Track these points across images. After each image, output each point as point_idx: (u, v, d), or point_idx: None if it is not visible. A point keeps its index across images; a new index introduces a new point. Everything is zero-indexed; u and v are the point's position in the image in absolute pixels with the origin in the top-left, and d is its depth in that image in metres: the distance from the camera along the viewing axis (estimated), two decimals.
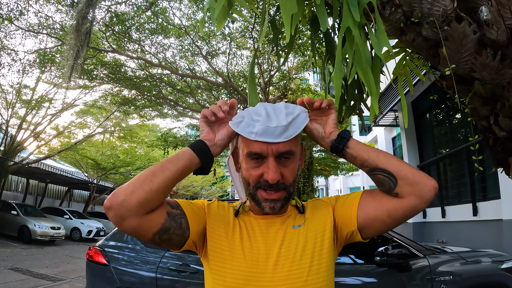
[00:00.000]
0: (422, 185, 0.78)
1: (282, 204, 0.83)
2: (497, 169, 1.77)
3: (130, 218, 0.71)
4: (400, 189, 0.80)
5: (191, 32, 9.41)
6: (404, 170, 0.80)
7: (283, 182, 0.81)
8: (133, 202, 0.70)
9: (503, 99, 1.51)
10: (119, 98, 11.77)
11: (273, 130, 0.77)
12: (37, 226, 11.33)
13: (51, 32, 9.23)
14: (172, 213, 0.79)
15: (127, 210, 0.70)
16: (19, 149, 14.35)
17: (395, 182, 0.80)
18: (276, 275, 0.79)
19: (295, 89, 10.91)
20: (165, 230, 0.77)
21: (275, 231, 0.84)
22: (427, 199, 0.79)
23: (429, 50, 1.61)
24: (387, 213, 0.81)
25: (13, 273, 6.36)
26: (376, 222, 0.83)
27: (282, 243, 0.82)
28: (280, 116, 0.79)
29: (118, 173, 20.49)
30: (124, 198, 0.70)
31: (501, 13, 1.42)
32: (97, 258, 3.04)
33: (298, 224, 0.86)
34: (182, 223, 0.80)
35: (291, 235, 0.83)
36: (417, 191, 0.78)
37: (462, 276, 2.82)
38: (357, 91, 1.96)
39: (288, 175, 0.82)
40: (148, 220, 0.74)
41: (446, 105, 7.05)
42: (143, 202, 0.71)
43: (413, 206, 0.79)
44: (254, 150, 0.79)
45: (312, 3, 2.16)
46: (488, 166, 5.47)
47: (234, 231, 0.85)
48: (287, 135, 0.79)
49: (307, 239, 0.83)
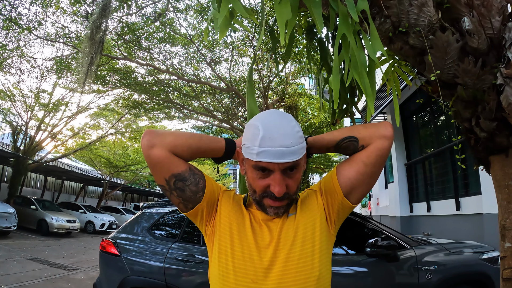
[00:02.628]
0: (378, 129, 0.83)
1: (285, 210, 0.82)
2: (478, 167, 1.77)
3: (160, 147, 0.76)
4: (363, 142, 0.83)
5: (196, 41, 9.40)
6: (358, 128, 0.85)
7: (288, 192, 0.79)
8: (168, 139, 0.77)
9: (484, 102, 1.51)
10: (130, 102, 11.77)
11: (281, 152, 0.74)
12: (54, 219, 11.33)
13: (67, 41, 9.23)
14: (194, 170, 0.82)
15: (160, 140, 0.76)
16: (37, 148, 14.36)
17: (357, 140, 0.84)
18: (277, 259, 0.78)
19: (292, 93, 10.90)
20: (182, 177, 0.80)
21: (276, 220, 0.84)
22: (388, 135, 0.82)
23: (415, 57, 1.61)
24: (362, 163, 0.83)
25: (32, 263, 6.36)
26: (358, 177, 0.83)
27: (281, 229, 0.82)
28: (285, 136, 0.75)
29: (129, 171, 20.50)
30: (163, 133, 0.78)
31: (482, 24, 1.42)
32: (109, 249, 3.04)
33: (293, 212, 0.86)
34: (200, 183, 0.82)
35: (288, 223, 0.83)
36: (377, 135, 0.82)
37: (446, 265, 2.81)
38: (349, 95, 1.96)
39: (293, 185, 0.80)
40: (173, 159, 0.78)
41: (431, 108, 7.04)
42: (175, 143, 0.78)
43: (380, 145, 0.82)
44: (260, 164, 0.75)
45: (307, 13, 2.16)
46: (470, 165, 5.47)
47: (245, 218, 0.84)
48: (294, 155, 0.75)
49: (299, 225, 0.83)
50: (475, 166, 1.78)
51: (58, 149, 16.64)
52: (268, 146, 0.74)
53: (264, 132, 0.75)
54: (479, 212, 4.98)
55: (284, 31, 1.19)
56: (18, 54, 9.98)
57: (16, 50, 9.66)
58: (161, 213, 3.20)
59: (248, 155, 0.78)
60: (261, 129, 0.75)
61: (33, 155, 14.01)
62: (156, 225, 3.13)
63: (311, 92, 13.23)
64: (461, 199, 5.75)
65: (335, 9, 1.35)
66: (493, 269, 2.80)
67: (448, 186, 6.39)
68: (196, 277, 2.75)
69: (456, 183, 6.01)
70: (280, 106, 11.04)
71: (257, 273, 0.77)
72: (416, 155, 7.90)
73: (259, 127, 0.76)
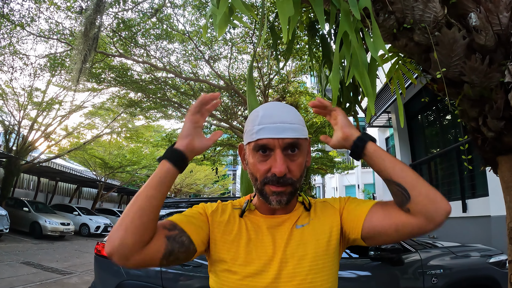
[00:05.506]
0: (434, 207, 0.72)
1: (288, 199, 0.78)
2: (485, 167, 1.77)
3: (133, 256, 0.68)
4: (412, 206, 0.73)
5: (194, 38, 9.40)
6: (419, 187, 0.74)
7: (290, 177, 0.76)
8: (130, 242, 0.67)
9: (491, 101, 1.50)
10: (126, 100, 11.77)
11: (281, 127, 0.75)
12: (48, 222, 11.32)
13: (61, 38, 9.23)
14: (171, 235, 0.74)
15: (127, 250, 0.67)
16: (30, 148, 14.35)
17: (408, 198, 0.74)
18: (282, 274, 0.76)
19: (293, 91, 10.90)
20: (170, 253, 0.73)
21: (282, 229, 0.81)
22: (437, 222, 0.72)
23: (420, 54, 1.61)
24: (395, 227, 0.76)
25: (25, 267, 6.36)
26: (382, 235, 0.78)
27: (287, 242, 0.79)
28: (285, 113, 0.77)
29: (125, 172, 20.50)
30: (120, 241, 0.67)
31: (489, 20, 1.42)
32: (105, 253, 3.03)
33: (302, 223, 0.82)
34: (184, 240, 0.76)
35: (296, 235, 0.80)
36: (428, 212, 0.72)
37: (452, 269, 2.81)
38: (352, 93, 1.96)
39: (295, 169, 0.77)
40: (150, 250, 0.71)
41: (437, 107, 7.04)
42: (138, 238, 0.68)
43: (422, 226, 0.73)
44: (260, 142, 0.75)
45: (310, 9, 2.16)
46: (476, 165, 5.47)
47: (240, 233, 0.81)
48: (295, 132, 0.76)
49: (309, 239, 0.79)
50: (482, 166, 1.78)
51: (51, 149, 16.64)
52: (267, 123, 0.75)
53: (264, 111, 0.78)
54: (487, 214, 4.98)
55: (286, 27, 1.19)
56: (10, 51, 9.99)
57: (8, 47, 9.67)
58: None
59: (248, 138, 0.78)
60: (261, 110, 0.78)
61: (25, 156, 14.01)
62: None
63: (313, 90, 13.24)
64: (468, 201, 5.75)
65: (336, 6, 1.35)
66: (501, 273, 2.80)
67: (454, 187, 6.39)
68: (194, 281, 2.75)
69: (462, 184, 6.01)
70: None
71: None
72: (422, 155, 7.90)
73: (259, 110, 0.79)
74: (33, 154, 16.08)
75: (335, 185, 23.23)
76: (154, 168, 21.39)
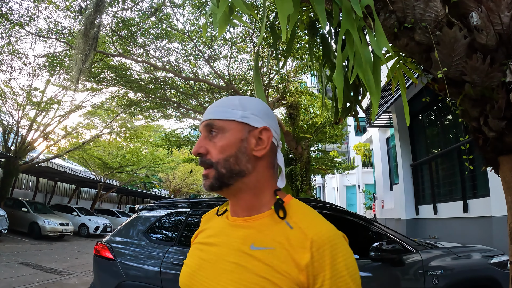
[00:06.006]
0: None
1: (212, 184, 0.71)
2: (486, 168, 1.77)
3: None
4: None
5: (194, 37, 9.41)
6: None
7: (209, 158, 0.71)
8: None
9: (493, 101, 1.50)
10: (125, 100, 11.77)
11: (208, 111, 0.76)
12: (47, 222, 11.33)
13: (60, 37, 9.23)
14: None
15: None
16: (29, 149, 14.35)
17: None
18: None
19: (294, 91, 10.90)
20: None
21: (236, 238, 0.69)
22: None
23: (421, 54, 1.61)
24: None
25: (24, 268, 6.36)
26: None
27: (232, 261, 0.66)
28: (226, 100, 0.76)
29: (124, 172, 20.50)
30: None
31: (490, 19, 1.42)
32: (104, 253, 3.04)
33: (261, 246, 0.65)
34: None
35: (245, 257, 0.65)
36: None
37: (453, 270, 2.81)
38: (353, 93, 1.96)
39: (214, 151, 0.71)
40: None
41: (438, 106, 7.05)
42: None
43: None
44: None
45: (310, 8, 2.16)
46: (478, 165, 5.47)
47: (200, 238, 0.79)
48: (212, 114, 0.74)
49: (259, 273, 0.63)
50: (483, 167, 1.78)
51: (50, 149, 16.64)
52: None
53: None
54: (488, 214, 4.98)
55: (285, 26, 1.19)
56: (9, 51, 9.99)
57: (6, 46, 9.67)
58: (157, 215, 3.20)
59: None
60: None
61: (24, 156, 14.01)
62: (153, 228, 3.13)
63: (313, 90, 13.24)
64: (469, 201, 5.76)
65: (338, 4, 1.35)
66: (502, 274, 2.80)
67: (455, 187, 6.40)
68: None
69: (463, 184, 6.01)
70: (281, 104, 11.04)
71: None
72: (422, 155, 7.90)
73: None
74: (32, 154, 16.08)
75: (335, 185, 23.23)
76: (153, 168, 21.40)
